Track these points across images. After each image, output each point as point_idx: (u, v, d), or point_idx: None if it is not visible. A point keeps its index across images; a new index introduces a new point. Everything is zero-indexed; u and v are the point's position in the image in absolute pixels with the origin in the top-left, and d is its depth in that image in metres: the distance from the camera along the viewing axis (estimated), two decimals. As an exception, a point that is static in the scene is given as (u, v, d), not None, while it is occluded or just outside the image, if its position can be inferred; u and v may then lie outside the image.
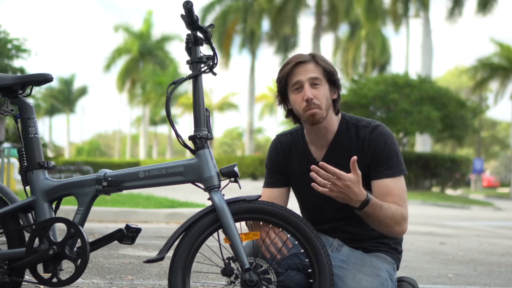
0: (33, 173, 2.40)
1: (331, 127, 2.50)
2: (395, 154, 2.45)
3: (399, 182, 2.42)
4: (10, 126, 13.33)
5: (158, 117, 56.11)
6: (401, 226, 2.38)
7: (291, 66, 2.45)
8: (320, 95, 2.42)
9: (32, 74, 2.43)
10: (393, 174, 2.42)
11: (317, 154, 2.53)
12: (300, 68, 2.44)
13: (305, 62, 2.44)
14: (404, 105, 22.03)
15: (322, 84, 2.44)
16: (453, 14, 29.37)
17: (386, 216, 2.32)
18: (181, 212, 7.94)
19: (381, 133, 2.47)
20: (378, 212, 2.31)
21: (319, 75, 2.43)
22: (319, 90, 2.43)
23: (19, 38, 14.27)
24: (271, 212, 2.26)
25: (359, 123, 2.52)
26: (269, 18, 33.93)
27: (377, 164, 2.43)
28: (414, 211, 13.68)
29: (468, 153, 46.86)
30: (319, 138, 2.52)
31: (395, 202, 2.38)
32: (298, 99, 2.44)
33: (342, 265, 2.43)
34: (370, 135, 2.47)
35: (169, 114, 2.33)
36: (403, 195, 2.41)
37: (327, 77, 2.45)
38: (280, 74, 2.49)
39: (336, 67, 16.30)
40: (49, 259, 2.32)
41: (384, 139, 2.46)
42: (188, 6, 2.22)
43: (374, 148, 2.44)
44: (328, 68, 2.46)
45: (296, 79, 2.44)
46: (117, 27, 45.76)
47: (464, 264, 5.17)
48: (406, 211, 2.40)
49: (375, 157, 2.44)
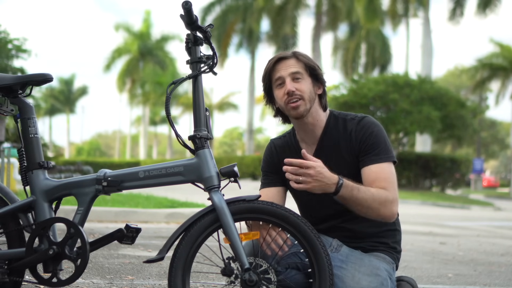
0: (33, 173, 2.40)
1: (318, 123, 2.53)
2: (382, 142, 2.47)
3: (386, 167, 2.43)
4: (10, 126, 13.33)
5: (158, 117, 56.14)
6: (387, 209, 2.37)
7: (272, 63, 2.50)
8: (302, 88, 2.46)
9: (32, 74, 2.43)
10: (380, 160, 2.44)
11: (308, 151, 2.54)
12: (281, 64, 2.49)
13: (286, 58, 2.49)
14: (404, 105, 22.04)
15: (304, 78, 2.48)
16: (454, 15, 29.37)
17: (366, 198, 2.33)
18: (181, 212, 7.94)
19: (368, 123, 2.50)
20: (356, 194, 2.32)
21: (300, 70, 2.47)
22: (301, 83, 2.47)
23: (19, 38, 14.27)
24: (271, 212, 2.26)
25: (347, 117, 2.55)
26: (268, 18, 33.93)
27: (365, 152, 2.46)
28: (414, 211, 13.67)
29: (468, 153, 46.83)
30: (308, 135, 2.55)
31: (382, 186, 2.39)
32: (281, 94, 2.49)
33: (341, 265, 2.43)
34: (357, 126, 2.50)
35: (169, 114, 2.33)
36: (390, 179, 2.41)
37: (309, 72, 2.49)
38: (263, 73, 2.55)
39: (336, 67, 16.27)
40: (49, 259, 2.32)
41: (371, 128, 2.48)
42: (187, 6, 2.23)
43: (361, 137, 2.47)
44: (309, 63, 2.49)
45: (278, 75, 2.49)
46: (118, 26, 45.77)
47: (464, 264, 5.17)
48: (392, 194, 2.39)
49: (362, 145, 2.47)
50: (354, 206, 2.36)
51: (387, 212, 2.39)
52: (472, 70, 35.68)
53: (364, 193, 2.34)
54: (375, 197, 2.35)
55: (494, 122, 51.81)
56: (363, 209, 2.36)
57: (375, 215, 2.40)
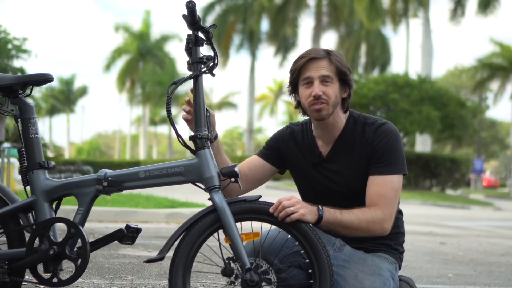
0: (33, 173, 2.40)
1: (337, 124, 2.51)
2: (396, 153, 2.44)
3: (389, 182, 2.41)
4: (10, 126, 13.32)
5: (158, 117, 56.09)
6: (377, 226, 2.36)
7: (305, 61, 2.44)
8: (329, 92, 2.43)
9: (33, 74, 2.43)
10: (387, 172, 2.42)
11: (323, 149, 2.54)
12: (313, 64, 2.44)
13: (319, 59, 2.44)
14: (404, 105, 22.04)
15: (333, 83, 2.44)
16: (455, 15, 29.35)
17: (351, 220, 2.32)
18: (181, 212, 7.94)
19: (386, 131, 2.47)
20: (340, 217, 2.31)
21: (331, 74, 2.43)
22: (329, 87, 2.43)
23: (19, 38, 14.27)
24: (271, 212, 2.26)
25: (367, 121, 2.52)
26: (269, 18, 33.92)
27: (375, 160, 2.44)
28: (414, 211, 13.67)
29: (468, 153, 46.83)
30: (326, 134, 2.53)
31: (375, 202, 2.37)
32: (306, 93, 2.45)
33: (345, 264, 2.43)
34: (375, 132, 2.47)
35: (170, 114, 2.33)
36: (387, 195, 2.39)
37: (339, 76, 2.45)
38: (293, 67, 2.49)
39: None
40: (49, 259, 2.32)
41: (388, 137, 2.45)
42: (191, 6, 2.22)
43: (375, 145, 2.45)
44: (341, 68, 2.45)
45: (308, 74, 2.44)
46: (118, 26, 45.73)
47: (464, 264, 5.17)
48: (383, 211, 2.36)
49: (375, 153, 2.44)
50: (343, 230, 2.35)
51: (378, 231, 2.38)
52: (472, 70, 35.65)
53: (347, 215, 2.33)
54: (360, 217, 2.34)
55: (494, 122, 51.79)
56: (353, 230, 2.35)
57: (367, 233, 2.39)
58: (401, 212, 2.63)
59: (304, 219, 2.24)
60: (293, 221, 2.22)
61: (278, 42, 34.78)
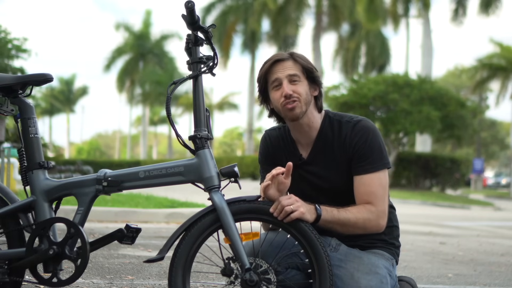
0: (33, 173, 2.40)
1: (313, 124, 2.51)
2: (377, 149, 2.44)
3: (376, 179, 2.42)
4: (10, 126, 13.32)
5: (157, 117, 56.11)
6: (373, 223, 2.39)
7: (269, 65, 2.47)
8: (299, 90, 2.44)
9: (32, 74, 2.43)
10: (372, 170, 2.42)
11: (304, 152, 2.54)
12: (278, 66, 2.46)
13: (283, 60, 2.46)
14: (404, 105, 22.04)
15: (301, 81, 2.45)
16: (457, 15, 29.35)
17: (348, 217, 2.35)
18: (181, 212, 7.94)
19: (363, 128, 2.46)
20: (337, 215, 2.33)
21: (297, 72, 2.45)
22: (298, 85, 2.44)
23: (19, 38, 14.26)
24: (271, 212, 2.26)
25: (342, 119, 2.52)
26: (269, 18, 33.90)
27: (358, 159, 2.44)
28: (414, 211, 13.68)
29: (468, 153, 46.82)
30: (303, 136, 2.53)
31: (368, 201, 2.39)
32: (277, 95, 2.46)
33: (340, 264, 2.43)
34: (352, 130, 2.47)
35: (170, 114, 2.33)
36: (378, 192, 2.41)
37: (306, 74, 2.47)
38: (259, 74, 2.52)
39: (336, 67, 16.15)
40: (49, 259, 2.32)
41: (366, 134, 2.45)
42: (189, 5, 2.22)
43: (354, 144, 2.45)
44: (307, 65, 2.47)
45: (275, 77, 2.45)
46: (118, 25, 45.75)
47: (464, 264, 5.17)
48: (377, 208, 2.39)
49: (356, 152, 2.44)
50: (340, 228, 2.37)
51: (374, 228, 2.41)
52: (472, 70, 35.66)
53: (344, 213, 2.35)
54: (357, 215, 2.36)
55: (494, 122, 51.78)
56: (350, 228, 2.37)
57: (363, 231, 2.41)
58: (393, 206, 2.62)
59: (304, 218, 2.24)
60: (293, 220, 2.23)
61: (279, 42, 34.76)
